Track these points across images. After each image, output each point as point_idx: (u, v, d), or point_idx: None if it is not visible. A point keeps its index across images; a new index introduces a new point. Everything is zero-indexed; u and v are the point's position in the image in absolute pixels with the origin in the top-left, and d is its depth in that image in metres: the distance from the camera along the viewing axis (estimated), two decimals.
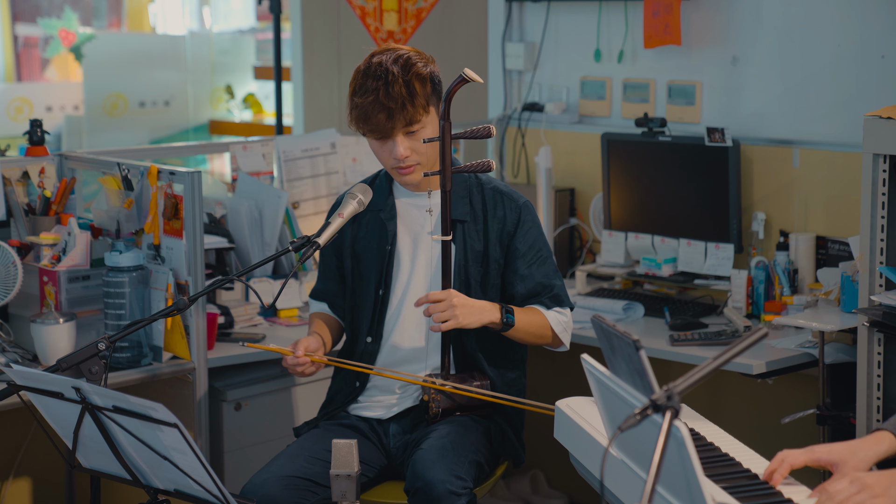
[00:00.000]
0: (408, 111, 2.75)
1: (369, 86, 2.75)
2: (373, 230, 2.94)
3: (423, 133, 2.79)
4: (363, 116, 2.77)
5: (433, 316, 2.72)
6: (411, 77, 2.75)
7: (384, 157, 2.83)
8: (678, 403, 1.68)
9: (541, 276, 2.88)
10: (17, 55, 7.45)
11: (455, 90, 2.69)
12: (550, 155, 4.09)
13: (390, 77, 2.74)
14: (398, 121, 2.75)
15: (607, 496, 2.06)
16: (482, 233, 2.88)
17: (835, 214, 3.58)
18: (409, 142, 2.79)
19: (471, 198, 2.89)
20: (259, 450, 3.45)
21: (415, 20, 4.86)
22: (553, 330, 2.87)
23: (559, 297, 2.90)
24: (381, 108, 2.74)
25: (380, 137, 2.80)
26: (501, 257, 2.89)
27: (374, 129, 2.78)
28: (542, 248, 2.90)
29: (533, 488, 4.24)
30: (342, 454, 2.48)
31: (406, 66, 2.76)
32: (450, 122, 2.72)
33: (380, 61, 2.77)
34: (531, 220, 2.90)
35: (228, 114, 7.32)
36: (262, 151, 3.91)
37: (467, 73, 2.66)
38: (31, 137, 3.42)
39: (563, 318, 2.90)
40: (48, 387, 2.27)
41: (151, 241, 3.20)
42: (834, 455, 2.04)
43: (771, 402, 3.73)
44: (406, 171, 2.83)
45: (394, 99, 2.73)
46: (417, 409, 2.90)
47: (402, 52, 2.80)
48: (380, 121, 2.75)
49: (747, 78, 3.82)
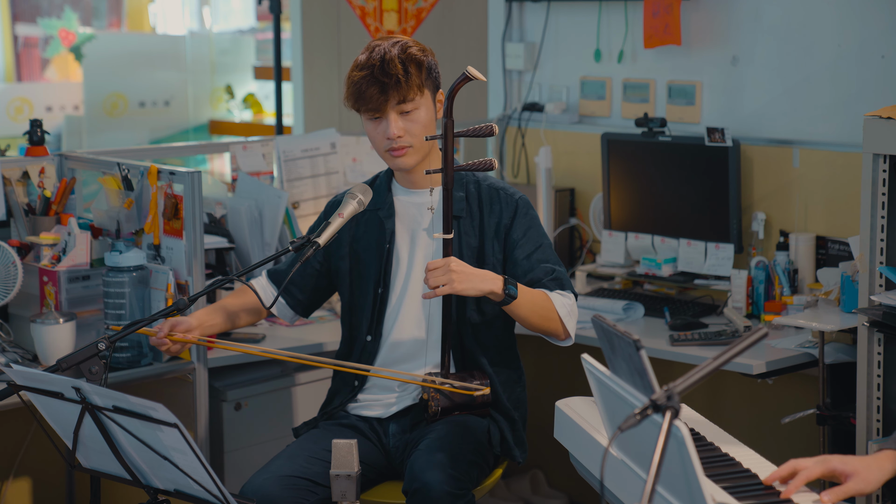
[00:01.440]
0: (402, 87, 2.76)
1: (365, 63, 2.79)
2: (372, 229, 2.94)
3: (417, 115, 2.80)
4: (357, 92, 2.79)
5: (429, 282, 2.69)
6: (407, 58, 2.78)
7: (378, 138, 2.83)
8: (678, 403, 1.68)
9: (540, 262, 2.84)
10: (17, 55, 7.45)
11: (458, 87, 2.69)
12: (550, 155, 4.09)
13: (387, 56, 2.77)
14: (392, 96, 2.77)
15: (607, 496, 2.06)
16: (478, 228, 2.88)
17: (835, 214, 3.58)
18: (403, 122, 2.80)
19: (467, 194, 2.89)
20: (259, 450, 3.45)
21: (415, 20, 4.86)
22: (558, 313, 2.79)
23: (561, 280, 2.84)
24: (374, 83, 2.76)
25: (374, 116, 2.80)
26: (500, 252, 2.88)
27: (368, 105, 2.78)
28: (540, 237, 2.88)
29: (533, 488, 4.24)
30: (342, 454, 2.48)
31: (403, 48, 2.80)
32: (452, 120, 2.72)
33: (379, 44, 2.81)
34: (526, 211, 2.89)
35: (228, 114, 7.32)
36: (262, 151, 3.91)
37: (470, 70, 2.66)
38: (31, 137, 3.42)
39: (568, 301, 2.82)
40: (48, 387, 2.27)
41: (151, 241, 3.21)
42: (848, 466, 2.03)
43: (771, 402, 3.73)
44: (398, 152, 2.82)
45: (388, 75, 2.76)
46: (417, 408, 2.90)
47: (402, 38, 2.84)
48: (372, 94, 2.77)
49: (747, 78, 3.82)
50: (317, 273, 3.00)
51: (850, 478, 2.01)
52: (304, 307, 3.05)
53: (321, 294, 3.05)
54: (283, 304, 3.03)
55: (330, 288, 3.04)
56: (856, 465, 2.02)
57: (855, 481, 2.00)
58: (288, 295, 3.02)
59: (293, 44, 5.42)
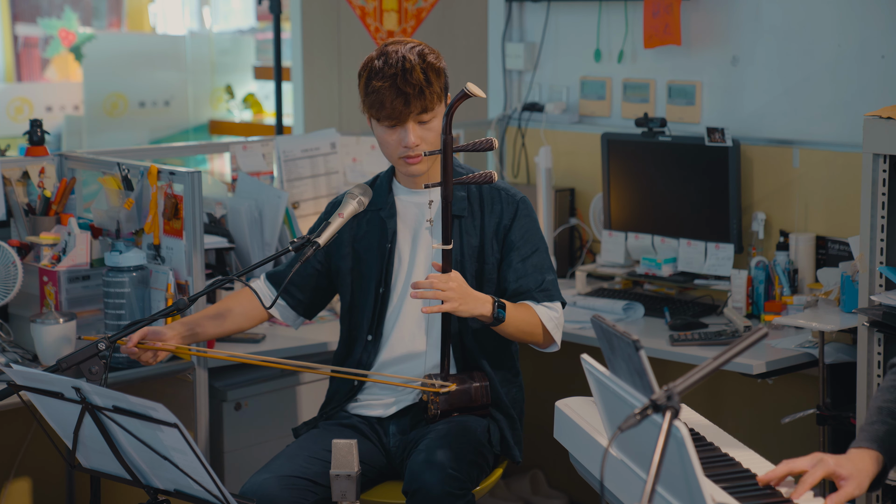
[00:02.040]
0: (424, 98, 2.76)
1: (386, 71, 2.76)
2: (373, 229, 2.94)
3: (433, 124, 2.80)
4: (378, 102, 2.77)
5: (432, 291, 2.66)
6: (427, 66, 2.78)
7: (392, 145, 2.82)
8: (678, 403, 1.68)
9: (533, 269, 2.86)
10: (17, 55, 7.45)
11: (456, 105, 2.68)
12: (550, 155, 4.09)
13: (408, 64, 2.76)
14: (414, 107, 2.76)
15: (607, 496, 2.06)
16: (478, 228, 2.88)
17: (835, 214, 3.58)
18: (420, 130, 2.80)
19: (468, 193, 2.89)
20: (259, 450, 3.45)
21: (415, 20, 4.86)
22: (545, 327, 2.84)
23: (549, 291, 2.87)
24: (398, 94, 2.75)
25: (392, 124, 2.79)
26: (498, 251, 2.88)
27: (390, 114, 2.77)
28: (537, 242, 2.89)
29: (533, 488, 4.24)
30: (342, 454, 2.48)
31: (422, 56, 2.79)
32: (451, 136, 2.71)
33: (396, 49, 2.79)
34: (527, 213, 2.90)
35: (228, 114, 7.32)
36: (262, 151, 3.91)
37: (469, 88, 2.63)
38: (31, 137, 3.42)
39: (555, 314, 2.86)
40: (48, 387, 2.27)
41: (151, 241, 3.21)
42: (844, 469, 2.02)
43: (771, 402, 3.73)
44: (414, 160, 2.82)
45: (411, 85, 2.75)
46: (416, 408, 2.90)
47: (416, 43, 2.82)
48: (396, 106, 2.75)
49: (747, 78, 3.82)
50: (317, 273, 3.00)
51: (846, 481, 2.02)
52: (305, 307, 3.04)
53: (322, 294, 3.04)
54: (284, 305, 3.01)
55: (331, 288, 3.04)
56: (849, 468, 2.03)
57: (851, 485, 2.01)
58: (288, 295, 3.00)
59: (293, 44, 5.41)
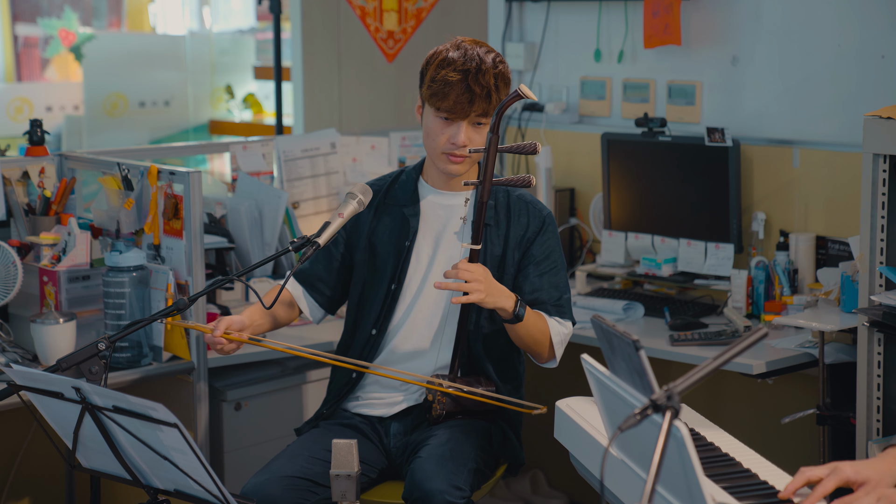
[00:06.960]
0: (489, 101, 2.76)
1: (460, 65, 2.75)
2: (393, 224, 2.93)
3: (484, 129, 2.80)
4: (443, 92, 2.76)
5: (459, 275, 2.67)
6: (499, 73, 2.78)
7: (440, 138, 2.80)
8: (678, 403, 1.68)
9: (549, 286, 2.86)
10: (17, 55, 7.45)
11: (508, 105, 2.68)
12: (550, 155, 4.09)
13: (483, 65, 2.76)
14: (477, 107, 2.76)
15: (607, 496, 2.06)
16: (503, 238, 2.88)
17: (835, 214, 3.58)
18: (472, 132, 2.79)
19: (496, 202, 2.89)
20: (259, 450, 3.45)
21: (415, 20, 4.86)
22: (551, 340, 2.84)
23: (563, 308, 2.88)
24: (465, 89, 2.74)
25: (450, 118, 2.78)
26: (517, 262, 2.88)
27: (451, 108, 2.76)
28: (557, 260, 2.89)
29: (533, 488, 4.24)
30: (342, 454, 2.48)
31: (496, 62, 2.79)
32: (498, 136, 2.71)
33: (472, 48, 2.78)
34: (552, 231, 2.90)
35: (228, 114, 7.32)
36: (262, 151, 3.91)
37: (522, 89, 2.64)
38: (31, 137, 3.42)
39: (564, 330, 2.87)
40: (48, 387, 2.27)
41: (151, 241, 3.21)
42: (860, 475, 2.00)
43: (771, 402, 3.73)
44: (458, 159, 2.81)
45: (481, 85, 2.75)
46: (419, 409, 2.90)
47: (490, 48, 2.82)
48: (461, 101, 2.74)
49: (747, 78, 3.82)
50: (340, 266, 2.99)
51: (863, 487, 2.00)
52: (332, 303, 3.03)
53: (345, 288, 3.02)
54: (314, 304, 3.01)
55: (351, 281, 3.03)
56: (868, 472, 2.00)
57: (867, 490, 1.99)
58: (317, 293, 3.00)
59: (293, 44, 5.42)
